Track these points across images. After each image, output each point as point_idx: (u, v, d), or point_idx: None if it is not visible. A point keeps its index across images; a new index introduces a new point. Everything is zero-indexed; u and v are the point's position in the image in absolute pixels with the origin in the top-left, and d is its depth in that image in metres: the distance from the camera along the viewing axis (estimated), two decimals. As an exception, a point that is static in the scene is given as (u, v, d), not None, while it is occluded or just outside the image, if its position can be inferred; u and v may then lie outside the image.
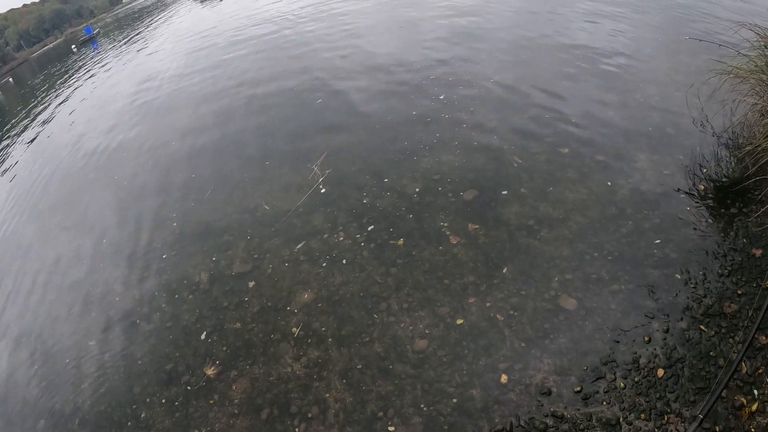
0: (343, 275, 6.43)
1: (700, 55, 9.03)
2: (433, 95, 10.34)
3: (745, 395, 4.07)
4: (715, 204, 6.18)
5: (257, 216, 8.04)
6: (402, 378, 5.05)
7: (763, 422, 3.84)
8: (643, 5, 13.66)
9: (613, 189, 6.76)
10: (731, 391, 4.12)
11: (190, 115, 13.86)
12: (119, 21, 73.23)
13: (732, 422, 3.94)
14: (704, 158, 6.89)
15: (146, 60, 25.77)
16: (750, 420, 3.89)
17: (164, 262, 7.70)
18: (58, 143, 16.62)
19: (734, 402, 4.03)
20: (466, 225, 6.72)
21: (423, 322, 5.55)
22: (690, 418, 4.05)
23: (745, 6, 11.67)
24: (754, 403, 3.98)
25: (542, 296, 5.50)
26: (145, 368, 6.06)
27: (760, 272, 5.04)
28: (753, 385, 4.11)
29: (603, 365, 4.67)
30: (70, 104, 23.10)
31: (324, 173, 8.44)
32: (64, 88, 29.00)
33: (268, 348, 5.77)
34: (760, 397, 4.01)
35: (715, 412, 4.02)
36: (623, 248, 5.85)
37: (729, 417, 3.97)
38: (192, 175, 10.03)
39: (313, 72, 13.80)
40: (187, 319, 6.54)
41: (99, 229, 9.30)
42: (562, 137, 8.05)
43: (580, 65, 10.41)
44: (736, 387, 4.14)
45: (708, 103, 7.39)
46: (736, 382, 4.17)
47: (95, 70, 30.36)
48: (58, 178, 13.16)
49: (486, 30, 14.14)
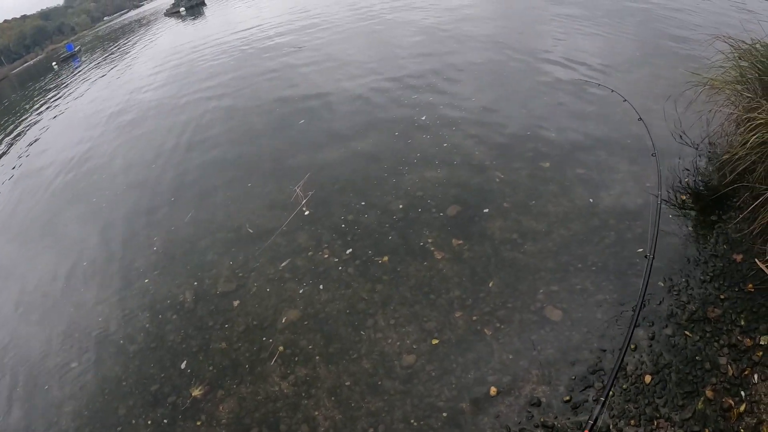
0: (329, 292, 6.41)
1: (676, 68, 9.18)
2: (415, 115, 10.43)
3: (733, 397, 4.09)
4: (695, 212, 6.26)
5: (241, 235, 8.00)
6: (391, 394, 5.01)
7: (752, 422, 3.86)
8: (619, 20, 13.97)
9: (595, 201, 6.84)
10: (719, 393, 4.15)
11: (169, 132, 13.90)
12: (100, 38, 73.01)
13: (721, 424, 3.95)
14: (683, 168, 7.00)
15: (127, 77, 25.85)
16: (739, 421, 3.91)
17: (147, 282, 7.63)
18: (35, 162, 16.53)
19: (722, 404, 4.05)
20: (451, 240, 6.74)
21: (410, 337, 5.53)
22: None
23: (721, 18, 11.95)
24: (742, 404, 4.00)
25: (528, 308, 5.51)
26: (130, 389, 5.95)
27: (742, 277, 5.10)
28: (740, 387, 4.14)
29: (591, 374, 4.67)
30: (48, 122, 23.09)
31: (307, 195, 8.42)
32: (44, 105, 28.91)
33: (255, 367, 5.71)
34: (748, 398, 4.04)
35: (704, 415, 4.04)
36: (607, 259, 5.90)
37: (718, 419, 3.99)
38: (172, 198, 9.99)
39: (296, 92, 13.85)
40: (172, 339, 6.46)
41: (78, 250, 9.21)
42: (543, 151, 8.16)
43: (558, 80, 10.60)
44: (724, 389, 4.17)
45: (685, 115, 7.53)
46: (723, 384, 4.20)
47: (75, 87, 30.39)
48: (35, 198, 13.01)
49: (466, 48, 14.36)
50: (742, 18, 10.02)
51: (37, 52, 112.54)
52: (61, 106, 25.48)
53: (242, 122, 12.95)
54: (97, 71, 34.68)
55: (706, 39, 7.17)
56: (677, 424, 4.05)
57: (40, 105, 29.59)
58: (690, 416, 4.06)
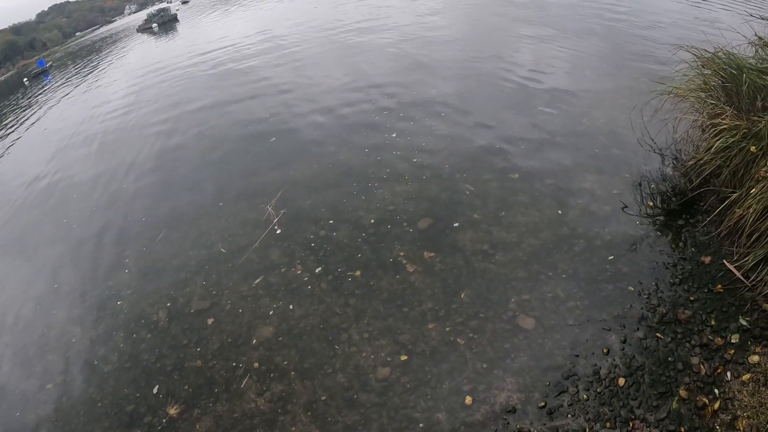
0: (303, 308, 6.35)
1: (640, 78, 9.40)
2: (386, 132, 10.45)
3: (707, 395, 4.13)
4: (663, 217, 6.38)
5: (213, 252, 7.91)
6: (367, 407, 4.97)
7: (727, 419, 3.89)
8: (583, 34, 14.24)
9: (564, 210, 6.92)
10: (692, 392, 4.18)
11: (139, 151, 13.71)
12: (72, 54, 71.99)
13: (696, 422, 3.99)
14: (650, 175, 7.14)
15: (96, 93, 25.65)
16: (714, 418, 3.94)
17: (120, 302, 7.45)
18: (3, 180, 16.16)
19: (696, 403, 4.09)
20: (422, 253, 6.75)
21: (384, 350, 5.50)
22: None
23: (681, 31, 12.26)
24: (716, 401, 4.04)
25: (501, 318, 5.53)
26: (106, 410, 5.78)
27: (711, 278, 5.18)
28: (713, 385, 4.19)
29: (565, 379, 4.69)
30: (17, 137, 22.56)
31: (279, 213, 8.36)
32: (14, 120, 28.31)
33: (230, 384, 5.61)
34: (722, 395, 4.08)
35: (679, 414, 4.06)
36: (577, 266, 5.96)
37: (693, 417, 4.02)
38: (143, 218, 9.79)
39: (267, 110, 13.83)
40: (146, 358, 6.32)
41: (50, 270, 8.95)
42: (512, 163, 8.24)
43: (526, 93, 10.75)
44: (697, 388, 4.21)
45: (651, 123, 7.65)
46: (696, 383, 4.24)
47: (46, 103, 29.94)
48: (3, 217, 12.68)
49: (433, 60, 14.55)
50: (704, 30, 10.29)
51: (8, 67, 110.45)
52: (32, 122, 24.99)
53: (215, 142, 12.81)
54: (67, 86, 34.26)
55: (670, 48, 7.34)
56: (653, 424, 4.08)
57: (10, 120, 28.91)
58: (665, 416, 4.09)
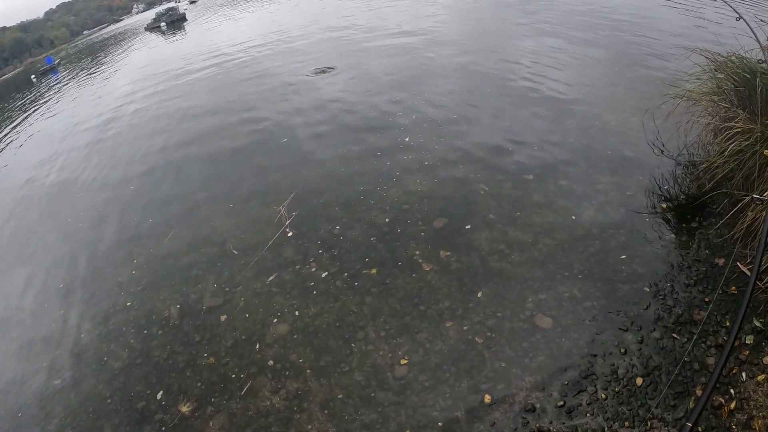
0: (318, 306, 6.38)
1: (653, 82, 9.45)
2: (398, 133, 10.51)
3: (723, 395, 4.18)
4: (676, 219, 6.43)
5: (225, 250, 7.96)
6: (385, 405, 4.99)
7: (743, 419, 3.95)
8: (594, 37, 14.28)
9: (579, 211, 6.96)
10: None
11: (149, 147, 13.84)
12: (80, 52, 72.02)
13: (713, 422, 4.04)
14: (663, 178, 7.18)
15: (105, 91, 25.75)
16: (730, 418, 3.99)
17: (131, 298, 7.47)
18: (9, 176, 16.26)
19: (713, 402, 4.14)
20: (438, 252, 6.78)
21: (402, 348, 5.52)
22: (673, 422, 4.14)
23: (693, 32, 12.30)
24: (732, 401, 4.09)
25: (518, 317, 5.57)
26: (116, 407, 5.79)
27: (725, 280, 5.22)
28: (729, 385, 4.24)
29: (583, 378, 4.73)
30: (24, 136, 22.66)
31: (291, 214, 8.38)
32: (21, 117, 28.39)
33: (244, 382, 5.64)
34: (737, 396, 4.13)
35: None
36: (592, 266, 6.00)
37: (710, 417, 4.07)
38: (152, 216, 9.80)
39: (278, 110, 13.87)
40: (158, 355, 6.34)
41: (56, 268, 8.98)
42: (526, 164, 8.28)
43: (540, 96, 10.79)
44: (713, 388, 4.25)
45: (663, 126, 7.69)
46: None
47: (53, 101, 30.06)
48: (8, 214, 12.73)
49: (446, 64, 14.59)
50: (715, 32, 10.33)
51: (16, 64, 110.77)
52: (39, 119, 25.11)
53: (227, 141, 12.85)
54: (75, 84, 34.44)
55: (683, 52, 7.38)
56: (670, 423, 4.12)
57: (18, 117, 28.96)
58: (682, 416, 4.13)
